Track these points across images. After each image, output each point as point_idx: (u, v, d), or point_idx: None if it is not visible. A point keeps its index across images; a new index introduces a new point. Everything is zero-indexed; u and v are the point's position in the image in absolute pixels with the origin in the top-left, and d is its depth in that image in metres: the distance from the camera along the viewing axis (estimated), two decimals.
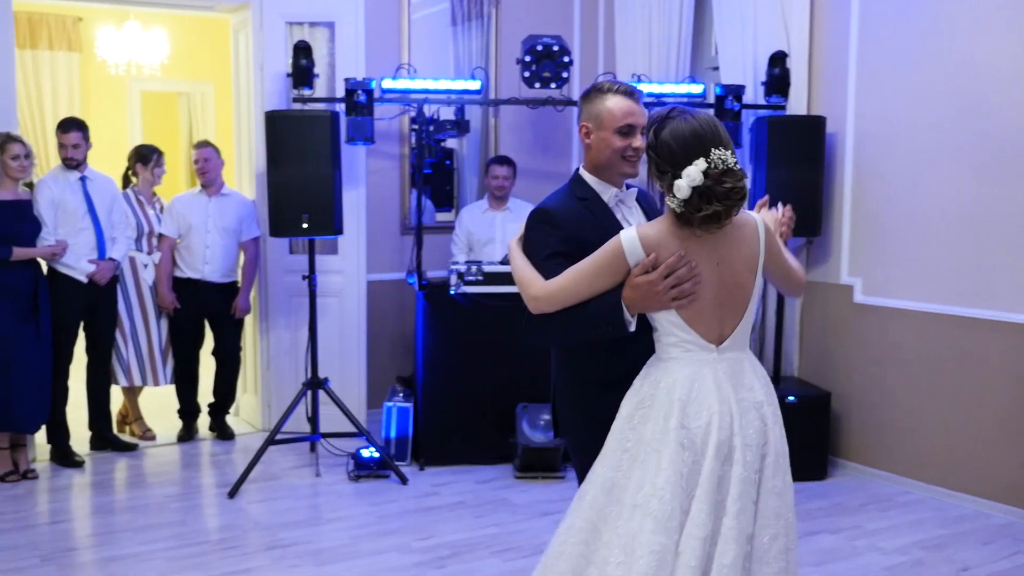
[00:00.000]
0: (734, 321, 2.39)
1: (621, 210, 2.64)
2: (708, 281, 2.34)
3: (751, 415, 2.34)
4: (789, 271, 2.52)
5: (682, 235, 2.33)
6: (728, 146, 2.29)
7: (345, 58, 5.78)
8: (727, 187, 2.25)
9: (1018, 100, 4.55)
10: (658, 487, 2.28)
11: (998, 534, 4.43)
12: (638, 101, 2.60)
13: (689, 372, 2.35)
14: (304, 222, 4.98)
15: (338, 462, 5.35)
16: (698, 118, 2.32)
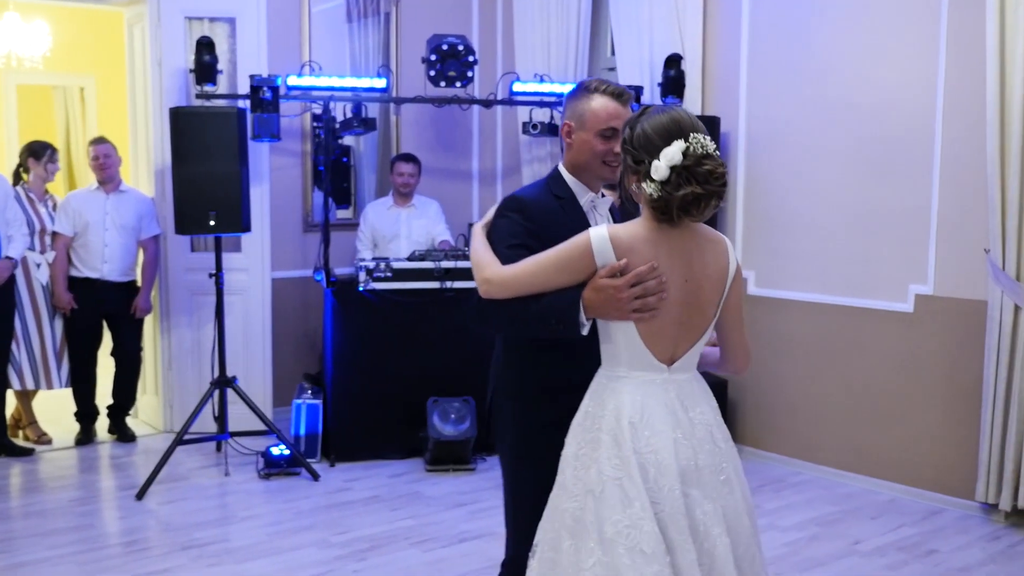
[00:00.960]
0: (688, 343, 2.24)
1: (594, 216, 2.53)
2: (674, 298, 2.19)
3: (704, 437, 2.21)
4: (738, 333, 2.36)
5: (657, 242, 2.18)
6: (707, 135, 2.14)
7: (247, 54, 5.72)
8: (706, 169, 2.10)
9: (896, 103, 4.86)
10: (635, 517, 2.11)
11: (884, 509, 4.73)
12: (626, 104, 2.48)
13: (638, 394, 2.20)
14: (211, 219, 4.92)
15: (247, 461, 5.30)
16: (676, 109, 2.20)
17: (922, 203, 4.79)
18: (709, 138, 2.14)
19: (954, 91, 4.64)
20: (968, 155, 4.59)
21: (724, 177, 2.13)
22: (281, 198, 6.16)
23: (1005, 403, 4.42)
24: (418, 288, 5.35)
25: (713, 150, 2.13)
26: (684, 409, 2.22)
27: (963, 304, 4.65)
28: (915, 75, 4.78)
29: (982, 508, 4.60)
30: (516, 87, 5.88)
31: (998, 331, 4.43)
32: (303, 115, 6.17)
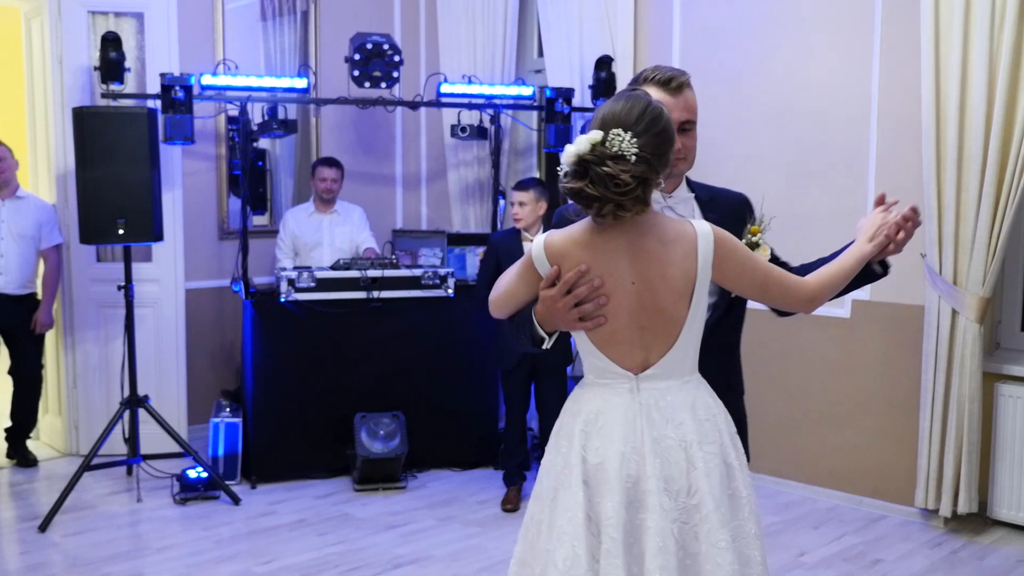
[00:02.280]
0: (662, 348, 2.06)
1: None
2: (622, 303, 2.04)
3: (673, 454, 2.02)
4: (768, 284, 2.11)
5: (591, 245, 2.04)
6: (643, 136, 1.95)
7: (156, 51, 5.39)
8: (605, 171, 1.92)
9: (830, 107, 4.82)
10: (562, 531, 2.02)
11: (825, 517, 4.67)
12: (678, 92, 2.28)
13: (598, 401, 2.08)
14: (120, 228, 4.59)
15: (160, 485, 4.98)
16: (634, 99, 2.02)
17: (858, 208, 4.75)
18: (639, 143, 1.95)
19: (888, 97, 4.62)
20: (903, 161, 4.58)
21: (626, 186, 1.93)
22: (194, 204, 5.84)
23: (943, 408, 4.41)
24: (343, 298, 5.11)
25: (631, 154, 1.94)
26: (650, 423, 2.04)
27: (900, 309, 4.63)
28: (849, 80, 4.75)
29: (922, 514, 4.58)
30: (444, 88, 5.68)
31: (935, 336, 4.41)
32: (217, 117, 5.86)
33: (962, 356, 4.33)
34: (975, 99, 4.19)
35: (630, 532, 1.99)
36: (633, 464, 2.01)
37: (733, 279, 2.10)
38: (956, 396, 4.36)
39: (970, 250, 4.27)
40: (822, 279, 2.20)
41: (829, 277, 2.22)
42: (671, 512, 1.99)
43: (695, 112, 2.37)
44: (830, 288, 2.22)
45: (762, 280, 2.11)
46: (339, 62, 5.79)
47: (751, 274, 2.10)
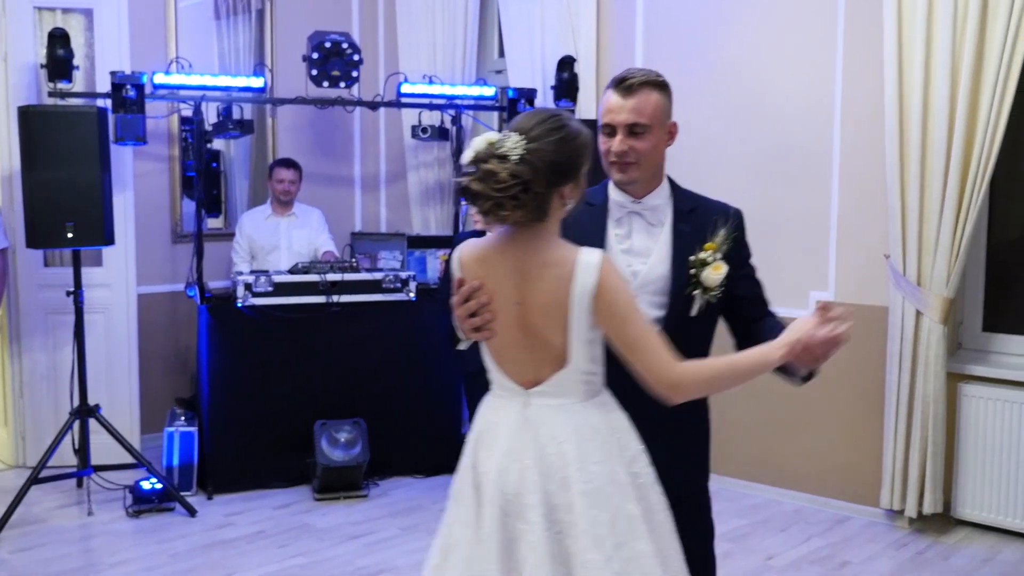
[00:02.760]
0: (552, 367, 2.05)
1: (629, 223, 2.32)
2: (509, 321, 2.06)
3: (555, 471, 2.02)
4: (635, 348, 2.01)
5: (489, 260, 2.08)
6: (534, 142, 1.97)
7: (106, 49, 5.24)
8: (488, 168, 1.96)
9: (798, 109, 4.82)
10: (454, 538, 2.07)
11: (791, 520, 4.66)
12: (630, 94, 2.24)
13: (492, 413, 2.13)
14: (69, 231, 4.44)
15: (112, 497, 4.82)
16: (545, 112, 2.07)
17: (822, 209, 4.76)
18: (526, 145, 1.97)
19: (852, 98, 4.63)
20: (866, 162, 4.58)
21: (505, 184, 1.95)
22: (146, 207, 5.68)
23: (908, 408, 4.42)
24: (302, 303, 5.00)
25: (515, 158, 1.96)
26: (536, 437, 2.03)
27: (864, 310, 4.63)
28: (813, 82, 4.75)
29: (887, 515, 4.58)
30: (405, 88, 5.59)
31: (900, 336, 4.42)
32: (170, 117, 5.70)
33: (926, 357, 4.34)
34: (938, 100, 4.20)
35: (507, 543, 2.01)
36: (514, 476, 2.02)
37: (604, 323, 2.02)
38: (921, 397, 4.37)
39: (934, 251, 4.29)
40: (700, 373, 2.05)
41: (711, 374, 2.07)
42: (552, 527, 1.99)
43: (650, 116, 2.25)
44: (707, 385, 2.09)
45: (631, 341, 2.01)
46: (296, 61, 5.67)
47: (622, 328, 2.02)
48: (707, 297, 2.30)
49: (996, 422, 4.35)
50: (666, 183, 2.38)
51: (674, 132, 2.34)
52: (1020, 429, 4.29)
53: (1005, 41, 4.02)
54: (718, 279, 2.28)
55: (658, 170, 2.34)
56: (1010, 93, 4.05)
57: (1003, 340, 4.60)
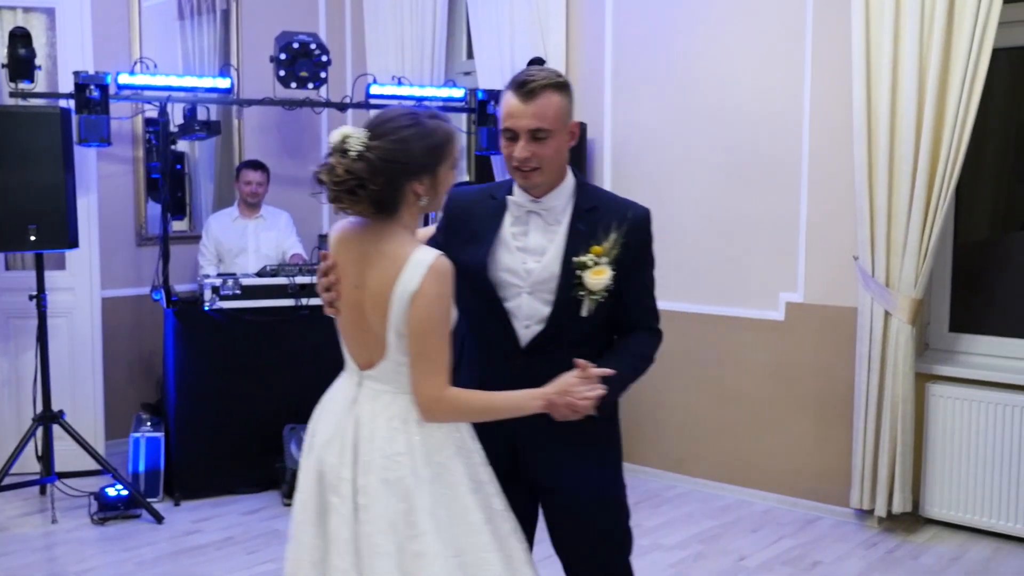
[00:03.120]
0: (380, 354, 2.14)
1: (527, 221, 2.32)
2: (348, 302, 2.17)
3: (362, 455, 2.12)
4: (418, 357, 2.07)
5: (345, 241, 2.18)
6: (377, 140, 2.06)
7: (69, 49, 5.15)
8: (328, 161, 2.09)
9: (763, 112, 4.85)
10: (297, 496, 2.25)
11: (762, 520, 4.69)
12: (530, 98, 2.19)
13: (337, 385, 2.27)
14: (32, 234, 4.36)
15: (77, 504, 4.74)
16: (401, 112, 2.16)
17: (791, 211, 4.79)
18: (367, 143, 2.06)
19: (820, 101, 4.66)
20: (835, 164, 4.62)
21: (340, 179, 2.06)
22: (110, 209, 5.59)
23: (877, 408, 4.46)
24: (270, 306, 4.95)
25: (353, 154, 2.05)
26: (358, 418, 2.15)
27: (833, 311, 4.67)
28: (781, 84, 4.78)
29: (856, 514, 4.62)
30: (374, 89, 5.55)
31: (869, 337, 4.46)
32: (134, 118, 5.62)
33: (895, 357, 4.39)
34: (906, 103, 4.24)
35: (322, 512, 2.15)
36: (335, 450, 2.13)
37: (411, 323, 2.07)
38: (890, 397, 4.41)
39: (902, 252, 4.33)
40: (457, 403, 2.11)
41: (467, 407, 2.14)
42: (357, 506, 2.11)
43: (552, 120, 2.21)
44: (459, 415, 2.15)
45: (419, 350, 2.08)
46: (262, 62, 5.62)
47: (420, 335, 2.07)
48: (593, 299, 2.28)
49: (964, 422, 4.40)
50: (570, 181, 2.35)
51: (576, 132, 2.31)
52: (987, 428, 4.34)
53: (971, 45, 4.07)
54: (599, 284, 2.25)
55: (561, 169, 2.32)
56: (976, 96, 4.10)
57: (970, 340, 4.65)
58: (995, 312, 4.70)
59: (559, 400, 2.12)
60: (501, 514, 2.20)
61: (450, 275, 2.08)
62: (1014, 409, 4.27)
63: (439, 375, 2.07)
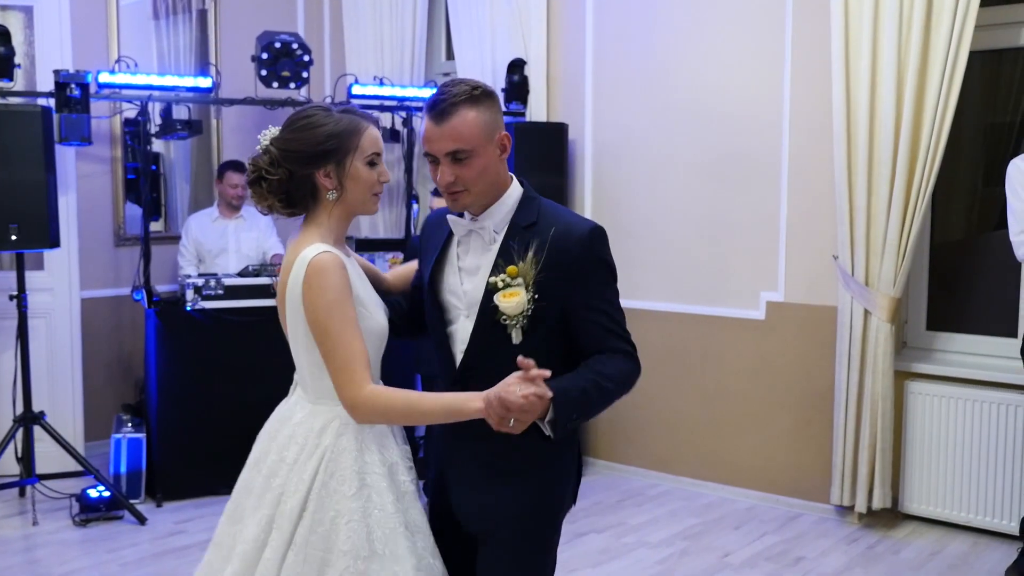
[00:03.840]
0: (297, 361, 2.19)
1: (468, 240, 2.16)
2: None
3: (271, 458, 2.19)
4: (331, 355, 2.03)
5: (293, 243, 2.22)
6: (280, 134, 2.13)
7: (47, 47, 5.12)
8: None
9: (743, 113, 4.91)
10: None
11: (744, 517, 4.74)
12: (440, 120, 2.04)
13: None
14: (13, 233, 4.33)
15: (57, 506, 4.71)
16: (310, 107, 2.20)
17: (771, 211, 4.85)
18: (272, 136, 2.15)
19: (800, 103, 4.73)
20: (814, 166, 4.69)
21: (249, 173, 2.16)
22: (88, 209, 5.55)
23: (857, 406, 4.53)
24: (252, 306, 4.94)
25: (260, 149, 2.15)
26: (282, 419, 2.22)
27: (813, 310, 4.75)
28: (761, 86, 4.85)
29: (837, 511, 4.69)
30: (355, 90, 5.56)
31: (848, 335, 4.53)
32: (113, 117, 5.59)
33: (875, 355, 4.46)
34: (884, 105, 4.32)
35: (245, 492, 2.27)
36: (268, 435, 2.25)
37: (309, 322, 2.05)
38: (869, 394, 4.48)
39: (881, 252, 4.41)
40: (379, 402, 2.00)
41: (390, 406, 2.02)
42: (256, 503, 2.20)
43: (470, 139, 2.04)
44: (384, 415, 2.04)
45: (323, 350, 2.03)
46: (240, 62, 5.62)
47: (317, 334, 2.03)
48: (513, 325, 2.06)
49: (941, 419, 4.48)
50: (511, 196, 2.14)
51: (507, 144, 2.11)
52: (965, 425, 4.43)
53: (948, 48, 4.15)
54: (511, 307, 2.04)
55: (494, 186, 2.12)
56: (954, 98, 4.19)
57: (946, 338, 4.74)
58: (971, 311, 4.80)
59: (494, 399, 1.88)
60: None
61: (331, 269, 2.01)
62: (991, 406, 4.36)
63: (349, 371, 1.99)
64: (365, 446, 2.10)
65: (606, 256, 2.12)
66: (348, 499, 2.05)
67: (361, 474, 2.07)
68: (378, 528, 2.05)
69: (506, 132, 2.12)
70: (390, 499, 2.09)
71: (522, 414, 1.88)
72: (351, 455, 2.08)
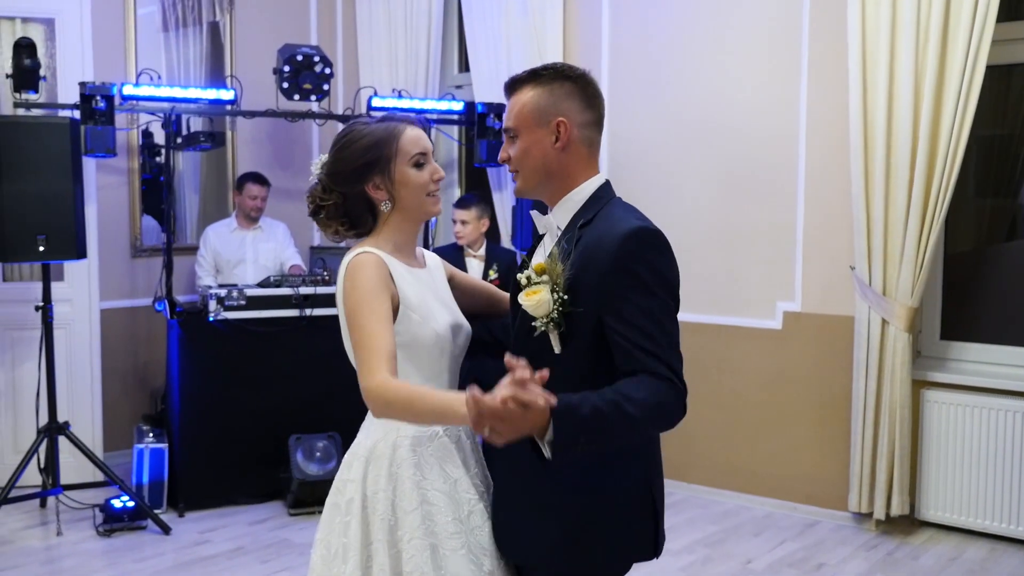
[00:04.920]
0: None
1: (544, 241, 2.16)
2: None
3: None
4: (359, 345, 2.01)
5: None
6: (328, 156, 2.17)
7: (70, 59, 5.18)
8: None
9: (759, 124, 4.99)
10: None
11: (763, 525, 4.81)
12: (508, 95, 2.09)
13: None
14: (40, 244, 4.38)
15: (80, 517, 4.74)
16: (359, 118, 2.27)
17: (787, 221, 4.93)
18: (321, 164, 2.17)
19: (816, 113, 4.81)
20: (831, 176, 4.77)
21: (308, 204, 2.20)
22: (106, 221, 5.60)
23: (875, 414, 4.60)
24: (274, 316, 4.99)
25: (312, 180, 2.18)
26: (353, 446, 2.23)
27: (830, 320, 4.82)
28: (778, 96, 4.92)
29: (854, 518, 4.76)
30: (376, 102, 5.62)
31: (866, 345, 4.61)
32: (138, 128, 5.63)
33: (892, 364, 4.53)
34: (902, 115, 4.40)
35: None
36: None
37: (346, 317, 2.07)
38: (887, 403, 4.55)
39: (899, 262, 4.48)
40: (385, 393, 1.91)
41: (392, 399, 1.91)
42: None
43: (514, 117, 2.02)
44: (391, 404, 1.91)
45: (357, 339, 2.00)
46: (256, 74, 5.69)
47: (350, 326, 2.04)
48: (540, 326, 1.91)
49: (957, 426, 4.56)
50: (584, 191, 2.03)
51: (562, 131, 1.98)
52: (980, 433, 4.50)
53: (967, 58, 4.23)
54: (533, 305, 1.90)
55: (549, 176, 2.01)
56: (971, 109, 4.27)
57: (960, 348, 4.82)
58: (984, 321, 4.88)
59: (470, 400, 1.66)
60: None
61: (366, 265, 2.03)
62: (1007, 414, 4.44)
63: (368, 361, 1.93)
64: (424, 460, 2.06)
65: (637, 263, 1.86)
66: (408, 515, 2.02)
67: (421, 490, 2.04)
68: (441, 547, 2.01)
69: (566, 120, 1.97)
70: (449, 518, 2.03)
71: (498, 422, 1.63)
72: (409, 468, 2.05)
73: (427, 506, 2.03)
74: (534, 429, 1.68)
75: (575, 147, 2.00)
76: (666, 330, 1.86)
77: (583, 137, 2.01)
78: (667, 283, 1.91)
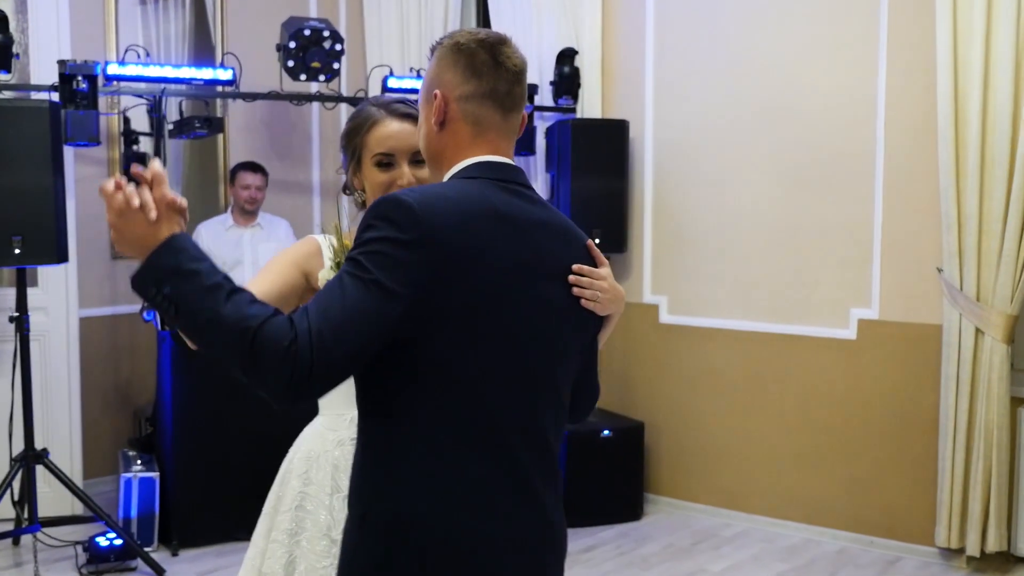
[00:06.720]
0: None
1: None
2: None
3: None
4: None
5: None
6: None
7: (44, 35, 4.94)
8: None
9: (826, 107, 4.78)
10: None
11: (838, 562, 4.59)
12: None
13: None
14: (16, 247, 4.12)
15: (59, 556, 4.49)
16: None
17: (863, 218, 4.72)
18: None
19: (897, 96, 4.60)
20: (914, 167, 4.56)
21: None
22: (84, 217, 5.34)
23: (967, 436, 4.39)
24: None
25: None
26: None
27: (914, 328, 4.61)
28: (851, 75, 4.72)
29: (942, 554, 4.55)
30: (392, 83, 5.39)
31: (957, 357, 4.40)
32: (120, 113, 5.38)
33: (988, 379, 4.33)
34: (1000, 98, 4.19)
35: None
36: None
37: None
38: (982, 423, 4.34)
39: (996, 263, 4.27)
40: None
41: None
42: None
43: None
44: None
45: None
46: (251, 51, 5.46)
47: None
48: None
49: None
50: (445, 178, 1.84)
51: (439, 105, 1.78)
52: None
53: None
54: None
55: (435, 162, 1.84)
56: None
57: None
58: None
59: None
60: None
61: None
62: None
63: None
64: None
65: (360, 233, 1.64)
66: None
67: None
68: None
69: (440, 92, 1.77)
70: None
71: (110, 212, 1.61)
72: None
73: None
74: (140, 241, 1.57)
75: (455, 125, 1.78)
76: (337, 296, 1.58)
77: (465, 112, 1.77)
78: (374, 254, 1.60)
